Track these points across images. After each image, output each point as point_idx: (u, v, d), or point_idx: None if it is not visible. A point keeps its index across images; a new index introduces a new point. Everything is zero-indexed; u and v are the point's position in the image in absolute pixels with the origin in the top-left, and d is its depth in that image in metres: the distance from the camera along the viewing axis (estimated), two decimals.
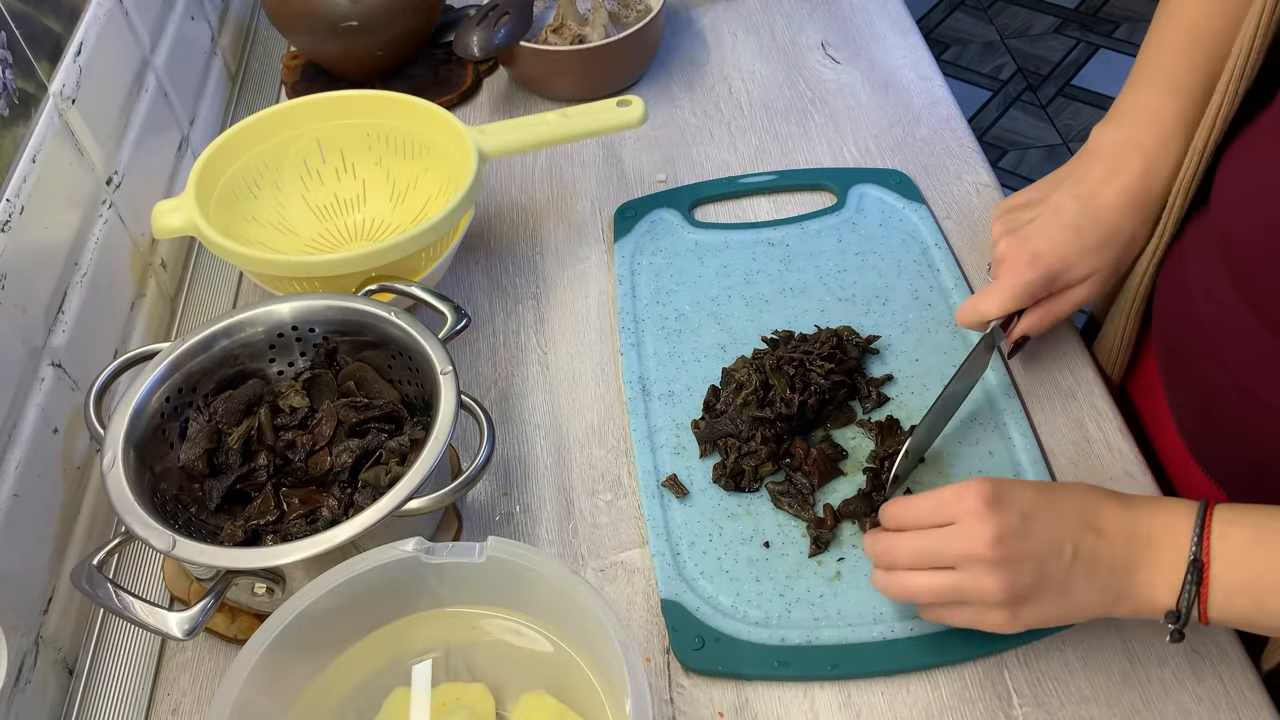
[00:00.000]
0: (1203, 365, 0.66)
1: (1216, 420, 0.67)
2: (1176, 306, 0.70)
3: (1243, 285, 0.61)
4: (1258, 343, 0.60)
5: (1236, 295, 0.62)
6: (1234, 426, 0.65)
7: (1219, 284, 0.63)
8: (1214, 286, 0.64)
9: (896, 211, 0.91)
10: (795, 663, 0.64)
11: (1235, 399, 0.64)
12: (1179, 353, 0.70)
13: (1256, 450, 0.64)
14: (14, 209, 0.67)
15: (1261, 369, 0.61)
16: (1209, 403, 0.67)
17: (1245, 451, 0.65)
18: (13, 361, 0.66)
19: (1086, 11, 2.88)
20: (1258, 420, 0.62)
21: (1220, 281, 0.63)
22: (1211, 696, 0.62)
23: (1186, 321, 0.68)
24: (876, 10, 1.15)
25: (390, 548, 0.56)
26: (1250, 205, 0.61)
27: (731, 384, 0.76)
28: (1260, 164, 0.60)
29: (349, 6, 0.98)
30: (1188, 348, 0.68)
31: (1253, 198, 0.61)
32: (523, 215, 0.95)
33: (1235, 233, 0.62)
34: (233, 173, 0.85)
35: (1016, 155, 2.50)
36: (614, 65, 1.04)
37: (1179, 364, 0.70)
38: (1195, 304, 0.66)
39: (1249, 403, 0.62)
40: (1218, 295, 0.64)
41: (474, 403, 0.67)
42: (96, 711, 0.66)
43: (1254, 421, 0.63)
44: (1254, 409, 0.62)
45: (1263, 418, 0.62)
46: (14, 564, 0.63)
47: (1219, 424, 0.67)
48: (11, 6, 0.70)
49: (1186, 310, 0.68)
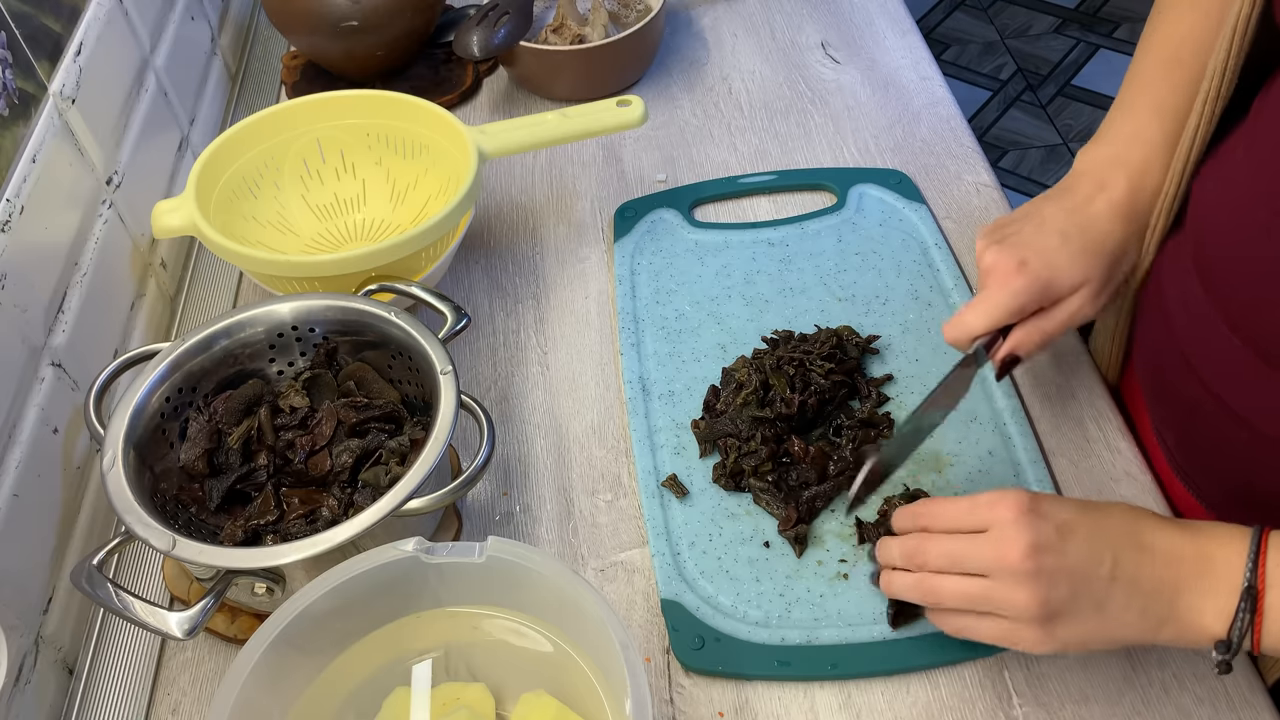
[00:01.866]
0: (1181, 382, 0.65)
1: (1195, 436, 0.67)
2: (1155, 324, 0.69)
3: (1218, 302, 0.61)
4: (1234, 359, 0.60)
5: (1213, 312, 0.61)
6: (1212, 442, 0.65)
7: (1195, 301, 0.63)
8: (1191, 304, 0.63)
9: (896, 211, 0.91)
10: (795, 663, 0.64)
11: (1213, 415, 0.63)
12: (1159, 369, 0.69)
13: (1234, 465, 0.64)
14: (14, 209, 0.67)
15: (1238, 385, 0.60)
16: (1188, 419, 0.67)
17: (1223, 466, 0.65)
18: (13, 361, 0.66)
19: (1086, 11, 2.88)
20: (1235, 436, 0.62)
21: (1196, 299, 0.63)
22: (1212, 697, 0.62)
23: (1165, 338, 0.67)
24: (876, 10, 1.15)
25: (390, 548, 0.56)
26: (1224, 223, 0.61)
27: (731, 384, 0.76)
28: (1233, 182, 0.60)
29: (349, 6, 0.98)
30: (1167, 364, 0.67)
31: (1226, 215, 0.61)
32: (523, 215, 0.95)
33: (1210, 251, 0.62)
34: (233, 173, 0.85)
35: (1016, 155, 2.50)
36: (614, 65, 1.04)
37: (1159, 380, 0.70)
38: (1173, 321, 0.66)
39: (1227, 419, 0.62)
40: (1195, 312, 0.63)
41: (474, 403, 0.67)
42: (96, 711, 0.66)
43: (1232, 437, 0.62)
44: (1232, 425, 0.62)
45: (1240, 434, 0.61)
46: (14, 564, 0.63)
47: (1198, 439, 0.67)
48: (11, 6, 0.70)
49: (1165, 327, 0.67)
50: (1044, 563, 0.54)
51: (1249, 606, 0.52)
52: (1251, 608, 0.52)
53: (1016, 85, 2.68)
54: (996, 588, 0.55)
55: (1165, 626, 0.54)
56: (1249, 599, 0.52)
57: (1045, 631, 0.55)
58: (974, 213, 0.91)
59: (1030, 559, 0.54)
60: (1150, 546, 0.55)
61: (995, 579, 0.55)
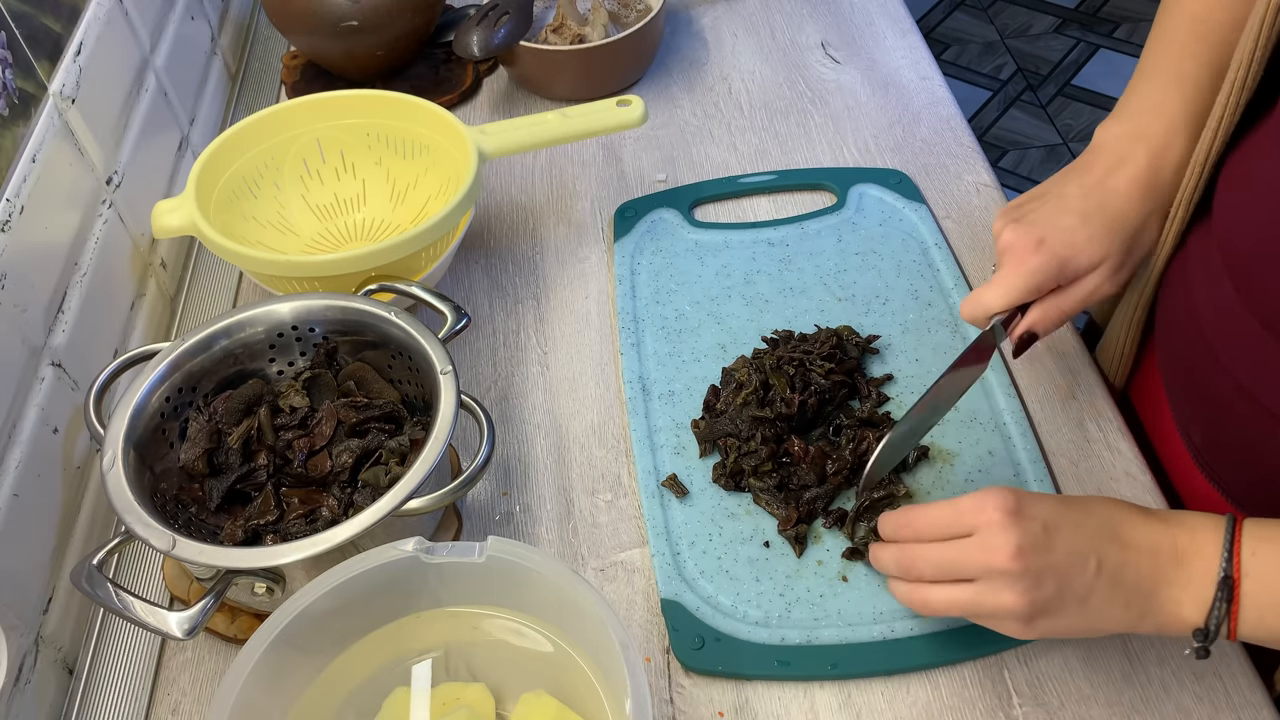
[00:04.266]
0: (1207, 374, 0.65)
1: (1222, 430, 0.67)
2: (1180, 316, 0.69)
3: (1246, 294, 0.61)
4: (1262, 351, 0.60)
5: (1240, 304, 0.61)
6: (1240, 436, 0.65)
7: (1223, 293, 0.63)
8: (1218, 295, 0.63)
9: (896, 211, 0.91)
10: (795, 662, 0.64)
11: (1241, 408, 0.63)
12: (1183, 362, 0.69)
13: (1263, 459, 0.63)
14: (14, 209, 0.67)
15: (1267, 377, 0.60)
16: (1214, 412, 0.66)
17: (1251, 460, 0.65)
18: (13, 361, 0.66)
19: (1086, 11, 2.88)
20: (1264, 429, 0.62)
21: (1224, 290, 0.63)
22: (1211, 696, 0.62)
23: (1191, 331, 0.67)
24: (876, 10, 1.15)
25: (390, 548, 0.56)
26: (1252, 213, 0.61)
27: (731, 384, 0.76)
28: (1262, 172, 0.60)
29: (349, 6, 0.98)
30: (1192, 357, 0.67)
31: (1254, 206, 0.61)
32: (523, 215, 0.95)
33: (1237, 241, 0.62)
34: (233, 173, 0.85)
35: (1016, 155, 2.50)
36: (614, 65, 1.04)
37: (1183, 373, 0.70)
38: (1199, 313, 0.66)
39: (1255, 412, 0.62)
40: (1222, 304, 0.63)
41: (474, 403, 0.67)
42: (96, 711, 0.66)
43: (1260, 430, 0.62)
44: (1260, 418, 0.62)
45: (1269, 427, 0.61)
46: (14, 564, 0.63)
47: (1224, 433, 0.67)
48: (11, 6, 0.70)
49: (1190, 319, 0.67)
50: (1031, 563, 0.55)
51: (1225, 596, 0.54)
52: (1228, 597, 0.54)
53: (1016, 85, 2.68)
54: (985, 592, 0.56)
55: (1147, 618, 0.56)
56: (1225, 589, 0.54)
57: (1028, 625, 0.56)
58: (974, 213, 0.91)
59: (1017, 560, 0.55)
60: (1130, 541, 0.56)
61: (983, 582, 0.56)
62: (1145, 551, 0.56)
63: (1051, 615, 0.55)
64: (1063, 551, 0.55)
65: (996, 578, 0.55)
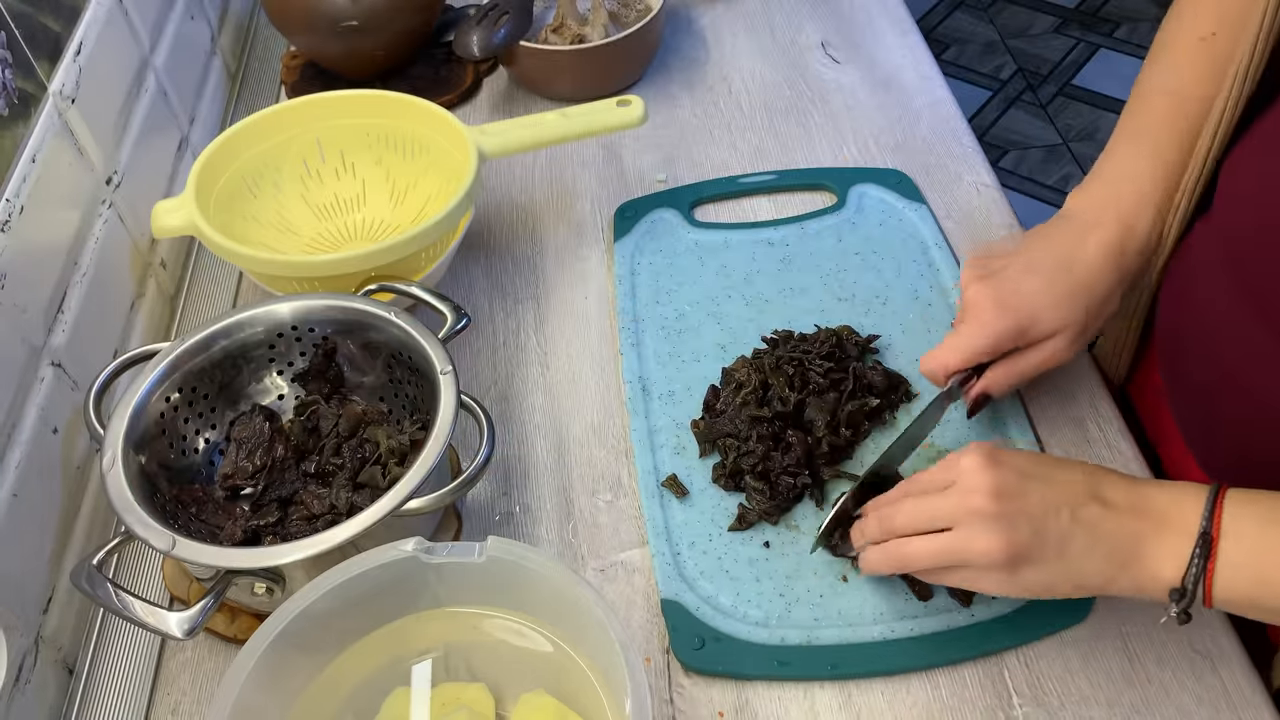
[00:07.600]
0: (1206, 370, 0.66)
1: (1219, 424, 0.67)
2: (1180, 311, 0.69)
3: (1246, 289, 0.61)
4: (1261, 347, 0.60)
5: (1240, 299, 0.61)
6: (1237, 430, 0.65)
7: (1223, 288, 0.63)
8: (1218, 291, 0.64)
9: (896, 211, 0.91)
10: (795, 663, 0.64)
11: (1241, 406, 0.63)
12: (1182, 357, 0.69)
13: (1260, 454, 0.64)
14: (14, 209, 0.67)
15: (1265, 373, 0.60)
16: (1214, 411, 0.67)
17: (1248, 455, 0.65)
18: (13, 361, 0.66)
19: (1086, 11, 2.88)
20: (1261, 424, 0.62)
21: (1224, 285, 0.63)
22: (1211, 697, 0.62)
23: (1190, 325, 0.67)
24: (876, 10, 1.15)
25: (390, 548, 0.56)
26: (1253, 207, 0.61)
27: (731, 384, 0.76)
28: (1264, 166, 0.60)
29: (349, 6, 0.98)
30: (1191, 352, 0.68)
31: (1256, 200, 0.61)
32: (523, 215, 0.95)
33: (1239, 236, 0.62)
34: (232, 173, 0.85)
35: (1016, 155, 2.50)
36: (614, 65, 1.04)
37: (1182, 368, 0.70)
38: (1199, 308, 0.66)
39: (1255, 410, 0.62)
40: (1221, 299, 0.63)
41: (474, 403, 0.67)
42: (96, 711, 0.66)
43: (1257, 426, 0.62)
44: (1257, 413, 0.62)
45: (1269, 425, 0.61)
46: (14, 564, 0.63)
47: (1221, 428, 0.67)
48: (11, 6, 0.70)
49: (1190, 314, 0.67)
50: (1006, 507, 0.56)
51: (1203, 553, 0.54)
52: (1205, 553, 0.54)
53: (1016, 85, 2.68)
54: (962, 537, 0.57)
55: (1125, 572, 0.56)
56: (1203, 545, 0.54)
57: (1010, 575, 0.56)
58: (974, 213, 0.91)
59: (993, 502, 0.56)
60: (1111, 500, 0.57)
61: (960, 528, 0.57)
62: (1125, 509, 0.56)
63: (1033, 563, 0.56)
64: (1036, 498, 0.56)
65: (974, 522, 0.56)
